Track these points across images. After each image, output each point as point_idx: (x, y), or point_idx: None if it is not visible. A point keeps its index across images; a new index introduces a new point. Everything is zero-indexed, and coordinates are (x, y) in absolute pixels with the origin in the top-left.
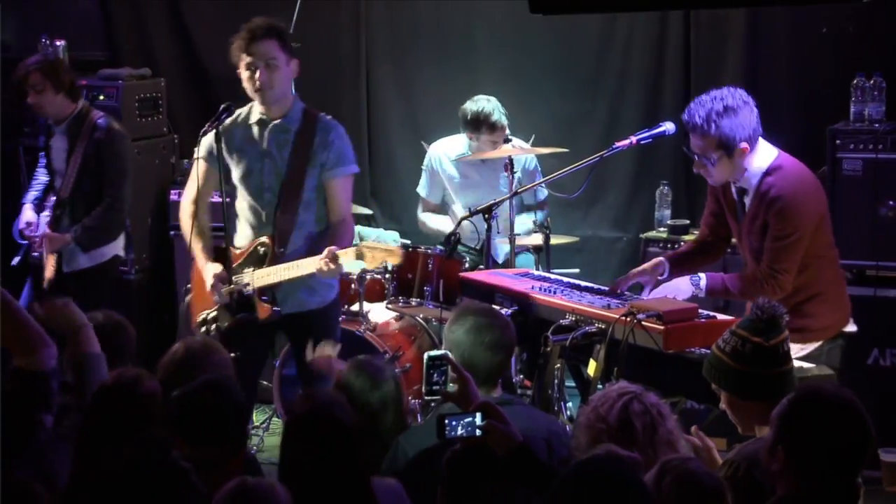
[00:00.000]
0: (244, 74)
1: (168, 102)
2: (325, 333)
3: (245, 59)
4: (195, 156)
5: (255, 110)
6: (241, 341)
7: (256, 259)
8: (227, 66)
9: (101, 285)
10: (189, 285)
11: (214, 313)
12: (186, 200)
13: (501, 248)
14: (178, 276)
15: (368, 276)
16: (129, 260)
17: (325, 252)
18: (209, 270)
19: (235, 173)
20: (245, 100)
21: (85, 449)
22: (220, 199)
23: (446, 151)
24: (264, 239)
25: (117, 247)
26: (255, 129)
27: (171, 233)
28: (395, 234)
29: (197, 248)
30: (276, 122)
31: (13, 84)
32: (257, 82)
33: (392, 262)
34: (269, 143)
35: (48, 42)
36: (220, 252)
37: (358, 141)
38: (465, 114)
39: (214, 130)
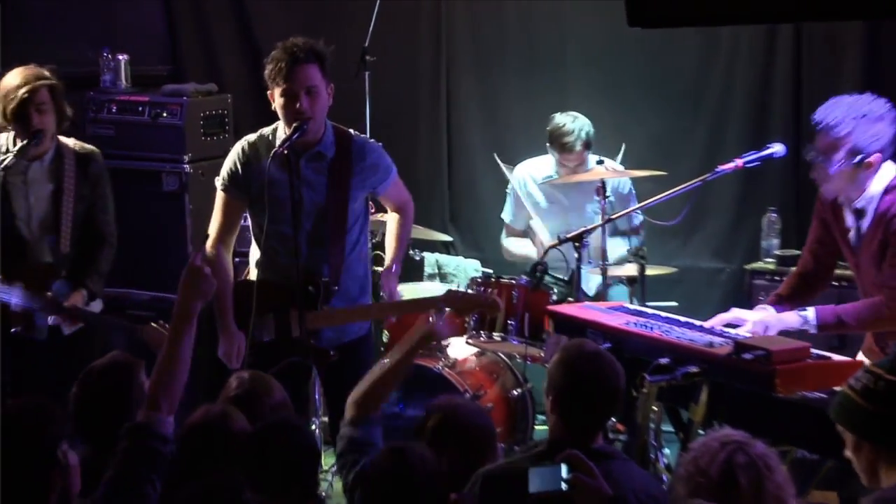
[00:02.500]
0: (279, 101)
1: (235, 120)
2: (361, 368)
3: (281, 85)
4: (219, 182)
5: (280, 133)
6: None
7: (305, 300)
8: None
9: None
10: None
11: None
12: (211, 244)
13: (592, 279)
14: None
15: (447, 310)
16: None
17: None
18: (230, 340)
19: (264, 203)
20: (329, 116)
21: (166, 490)
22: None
23: (532, 173)
24: (312, 277)
25: None
26: (277, 157)
27: (237, 259)
28: (475, 264)
29: (224, 306)
30: (310, 149)
31: (6, 94)
32: (299, 113)
33: (492, 313)
34: (305, 172)
35: (110, 56)
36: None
37: (437, 162)
38: (548, 125)
39: (287, 150)
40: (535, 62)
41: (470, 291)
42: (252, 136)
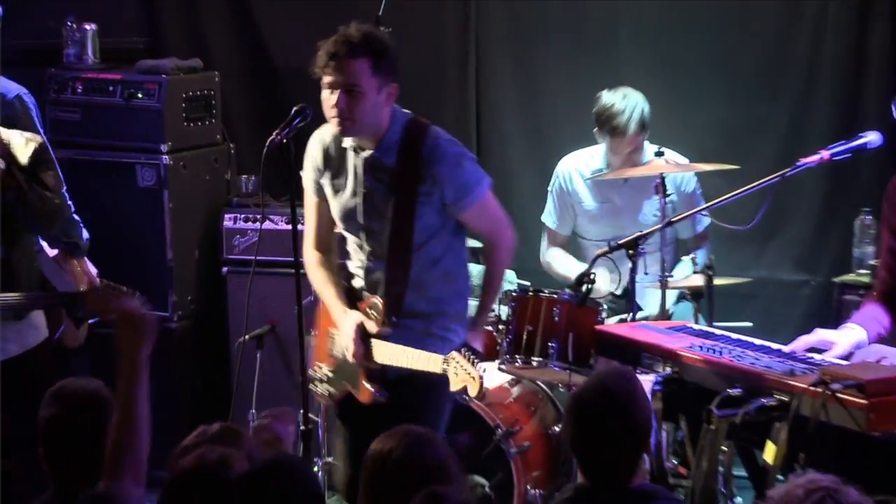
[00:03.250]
0: (323, 93)
1: (223, 103)
2: (429, 407)
3: (321, 76)
4: (304, 184)
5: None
6: (351, 418)
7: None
8: (300, 57)
9: None
10: (314, 331)
11: (329, 373)
12: (308, 246)
13: (650, 293)
14: (232, 325)
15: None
16: (171, 304)
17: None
18: (350, 320)
19: (333, 205)
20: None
21: None
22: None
23: (578, 168)
24: (377, 300)
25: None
26: (351, 156)
27: (224, 269)
28: (509, 274)
29: (331, 298)
30: (367, 154)
31: None
32: (333, 110)
33: (471, 390)
34: (366, 177)
35: (75, 26)
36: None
37: None
38: (594, 105)
39: (286, 138)
40: (582, 38)
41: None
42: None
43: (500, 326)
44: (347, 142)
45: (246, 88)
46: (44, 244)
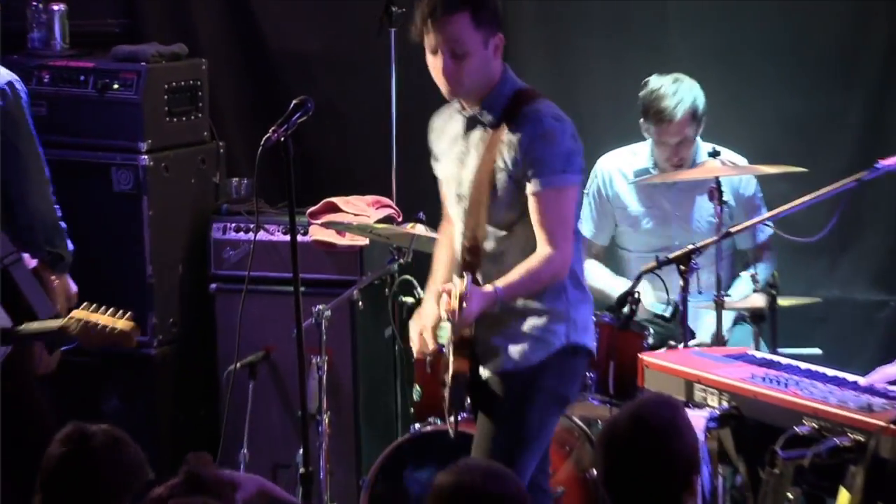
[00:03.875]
0: (427, 57)
1: (212, 95)
2: (522, 410)
3: (426, 40)
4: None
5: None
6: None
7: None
8: (300, 42)
9: None
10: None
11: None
12: (444, 223)
13: (704, 315)
14: (221, 351)
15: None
16: (150, 326)
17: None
18: (419, 315)
19: (442, 178)
20: (341, 87)
21: None
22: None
23: (620, 168)
24: (455, 280)
25: None
26: (457, 121)
27: (212, 286)
28: None
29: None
30: (470, 113)
31: None
32: (440, 75)
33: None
34: (464, 138)
35: (41, 6)
36: None
37: None
38: (641, 92)
39: (284, 136)
40: (625, 21)
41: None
42: (443, 110)
43: None
44: (453, 106)
45: (238, 78)
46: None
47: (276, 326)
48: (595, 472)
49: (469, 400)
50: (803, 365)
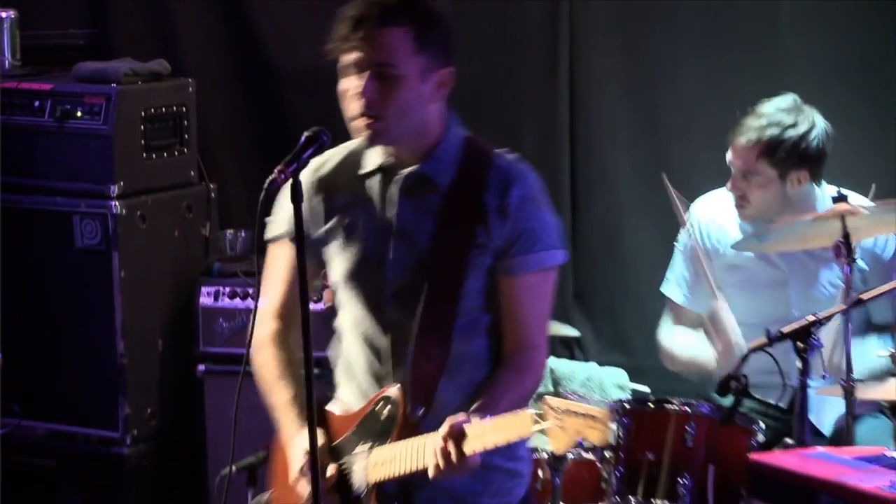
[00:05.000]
0: (342, 82)
1: (200, 124)
2: None
3: (343, 57)
4: (271, 231)
5: (373, 150)
6: None
7: (377, 429)
8: (310, 58)
9: None
10: (269, 492)
11: None
12: (265, 315)
13: (829, 405)
14: (211, 450)
15: (570, 458)
16: (122, 419)
17: (444, 428)
18: (297, 447)
19: (337, 261)
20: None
21: None
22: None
23: (721, 215)
24: (391, 392)
25: None
26: (374, 183)
27: (200, 367)
28: (618, 375)
29: (283, 405)
30: (411, 169)
31: None
32: (357, 102)
33: (594, 439)
34: (401, 208)
35: None
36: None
37: (553, 190)
38: None
39: (293, 177)
40: (726, 30)
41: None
42: (324, 154)
43: (607, 453)
44: (374, 158)
45: (234, 103)
46: None
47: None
48: None
49: None
50: None
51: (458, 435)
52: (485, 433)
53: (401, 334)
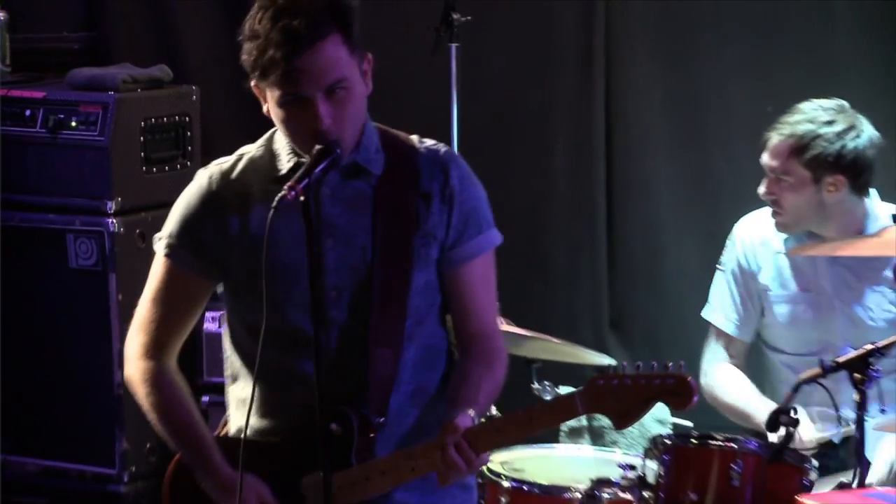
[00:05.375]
0: (277, 112)
1: (205, 135)
2: None
3: (278, 89)
4: (166, 233)
5: (284, 148)
6: None
7: (330, 453)
8: None
9: None
10: None
11: None
12: (136, 345)
13: (887, 442)
14: None
15: (606, 498)
16: (119, 455)
17: (445, 429)
18: (251, 490)
19: (247, 276)
20: (384, 118)
21: None
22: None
23: (766, 235)
24: (338, 407)
25: None
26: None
27: (204, 399)
28: (659, 408)
29: (190, 442)
30: (344, 162)
31: None
32: (319, 133)
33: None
34: (333, 206)
35: None
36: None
37: (586, 213)
38: None
39: (306, 194)
40: (774, 32)
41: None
42: (227, 161)
43: (646, 493)
44: (285, 160)
45: (241, 112)
46: None
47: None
48: None
49: None
50: None
51: (470, 436)
52: (489, 431)
53: (348, 340)
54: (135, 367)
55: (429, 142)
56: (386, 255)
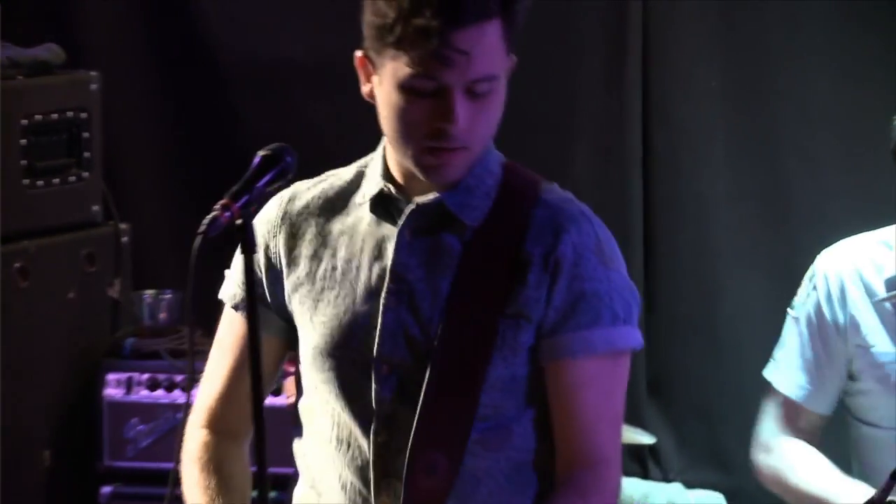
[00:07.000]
0: (396, 97)
1: (108, 138)
2: None
3: (412, 68)
4: (227, 290)
5: (374, 172)
6: None
7: None
8: (271, 48)
9: None
10: None
11: None
12: (198, 419)
13: None
14: None
15: None
16: None
17: None
18: None
19: (305, 330)
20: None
21: None
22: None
23: (861, 272)
24: None
25: None
26: (365, 218)
27: (105, 490)
28: (714, 500)
29: None
30: (425, 199)
31: None
32: (454, 126)
33: None
34: (403, 254)
35: None
36: None
37: (620, 229)
38: None
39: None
40: (858, 24)
41: None
42: (305, 185)
43: None
44: (367, 187)
45: (156, 108)
46: None
47: None
48: None
49: None
50: None
51: None
52: None
53: (391, 434)
54: (196, 440)
55: (561, 193)
56: (455, 333)
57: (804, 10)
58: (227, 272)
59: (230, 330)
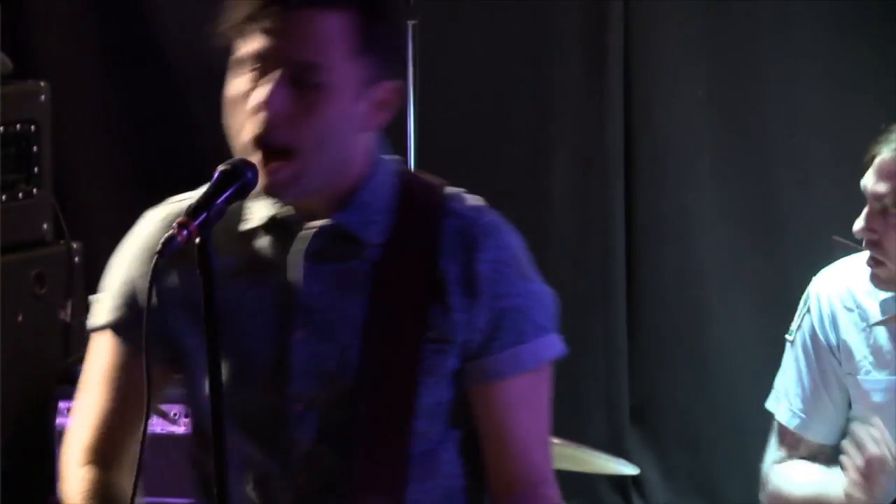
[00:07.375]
0: (232, 84)
1: (59, 151)
2: None
3: (242, 45)
4: (96, 316)
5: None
6: None
7: None
8: (217, 62)
9: None
10: None
11: None
12: (76, 447)
13: None
14: None
15: None
16: None
17: None
18: None
19: (201, 369)
20: None
21: None
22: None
23: (854, 294)
24: None
25: None
26: (264, 245)
27: None
28: None
29: None
30: (322, 223)
31: None
32: (249, 117)
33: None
34: (310, 284)
35: None
36: None
37: (600, 244)
38: None
39: (202, 235)
40: (855, 30)
41: None
42: (177, 200)
43: None
44: (258, 210)
45: (110, 120)
46: None
47: None
48: None
49: None
50: None
51: None
52: None
53: (319, 478)
54: (74, 470)
55: (468, 200)
56: (378, 363)
57: (794, 13)
58: (95, 297)
59: (107, 358)
